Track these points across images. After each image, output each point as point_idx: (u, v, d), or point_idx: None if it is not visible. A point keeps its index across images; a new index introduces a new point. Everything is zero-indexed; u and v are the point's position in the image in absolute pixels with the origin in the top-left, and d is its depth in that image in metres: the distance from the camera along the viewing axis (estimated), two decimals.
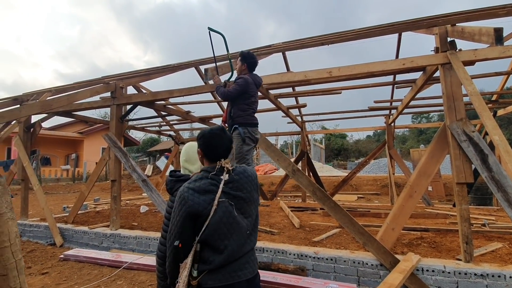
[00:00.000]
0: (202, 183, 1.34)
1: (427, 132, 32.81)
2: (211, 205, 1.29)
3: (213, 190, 1.32)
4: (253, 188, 1.44)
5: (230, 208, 1.32)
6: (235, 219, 1.32)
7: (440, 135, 3.30)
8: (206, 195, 1.31)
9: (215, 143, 1.42)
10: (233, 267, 1.30)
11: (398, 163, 7.50)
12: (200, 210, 1.28)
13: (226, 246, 1.28)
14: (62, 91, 5.90)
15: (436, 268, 2.85)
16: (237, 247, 1.30)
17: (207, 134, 1.44)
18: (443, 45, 3.44)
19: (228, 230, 1.30)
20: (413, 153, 12.44)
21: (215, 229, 1.28)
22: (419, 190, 3.28)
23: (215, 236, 1.28)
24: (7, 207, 1.15)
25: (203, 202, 1.29)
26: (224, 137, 1.45)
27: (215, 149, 1.42)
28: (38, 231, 5.44)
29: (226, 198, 1.33)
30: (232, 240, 1.30)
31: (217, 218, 1.28)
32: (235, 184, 1.37)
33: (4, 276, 1.13)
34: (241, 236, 1.33)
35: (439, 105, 6.44)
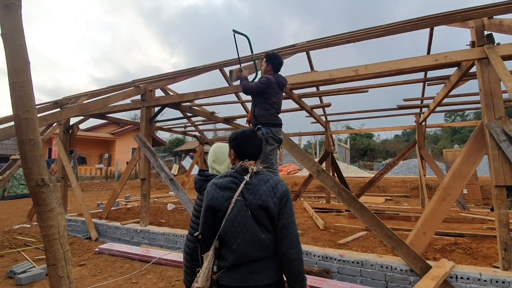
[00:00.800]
0: (224, 180, 1.40)
1: (462, 132, 30.76)
2: (228, 202, 1.33)
3: (232, 188, 1.37)
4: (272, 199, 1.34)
5: (246, 208, 1.33)
6: (249, 220, 1.32)
7: (477, 134, 3.11)
8: (225, 192, 1.36)
9: (246, 144, 1.48)
10: (248, 269, 1.31)
11: (430, 164, 7.12)
12: (217, 204, 1.34)
13: (238, 245, 1.30)
14: (97, 94, 6.30)
15: (471, 275, 2.69)
16: (248, 248, 1.30)
17: (240, 135, 1.51)
18: (479, 39, 3.23)
19: (241, 229, 1.31)
20: (447, 154, 11.74)
21: (229, 226, 1.32)
22: (453, 193, 3.10)
23: (229, 233, 1.32)
24: (57, 202, 1.27)
25: (221, 198, 1.35)
26: (256, 139, 1.51)
27: (246, 150, 1.47)
28: (76, 226, 5.85)
29: (243, 198, 1.35)
30: (244, 241, 1.30)
31: (232, 216, 1.32)
32: (251, 187, 1.37)
33: (54, 266, 1.26)
34: (254, 239, 1.31)
35: (476, 102, 6.03)
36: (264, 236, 1.33)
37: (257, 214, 1.33)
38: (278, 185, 1.41)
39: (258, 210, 1.33)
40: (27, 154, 1.23)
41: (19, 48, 1.23)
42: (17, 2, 1.21)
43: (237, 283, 1.29)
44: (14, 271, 3.54)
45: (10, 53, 1.21)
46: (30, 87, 1.24)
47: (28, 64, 1.26)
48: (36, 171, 1.24)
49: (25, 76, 1.23)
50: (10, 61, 1.21)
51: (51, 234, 1.25)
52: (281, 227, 1.35)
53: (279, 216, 1.36)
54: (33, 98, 1.27)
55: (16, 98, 1.21)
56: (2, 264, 4.04)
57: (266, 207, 1.33)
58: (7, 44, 1.22)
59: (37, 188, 1.24)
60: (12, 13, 1.20)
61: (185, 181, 10.68)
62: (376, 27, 4.33)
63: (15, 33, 1.22)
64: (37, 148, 1.25)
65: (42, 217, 1.25)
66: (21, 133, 1.21)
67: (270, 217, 1.35)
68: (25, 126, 1.22)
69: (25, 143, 1.22)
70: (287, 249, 1.34)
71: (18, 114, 1.21)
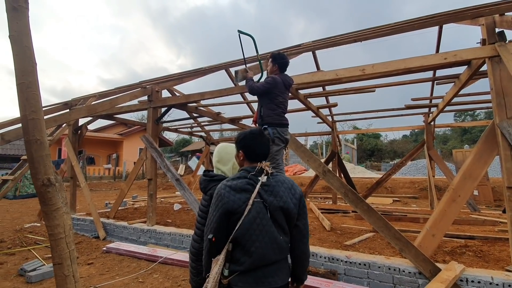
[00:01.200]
0: (239, 182, 1.36)
1: (473, 131, 30.15)
2: (245, 204, 1.30)
3: (249, 190, 1.33)
4: (291, 200, 1.37)
5: (264, 210, 1.31)
6: (268, 222, 1.30)
7: (489, 134, 3.03)
8: (241, 194, 1.32)
9: (255, 144, 1.46)
10: (264, 272, 1.29)
11: (439, 165, 7.00)
12: (234, 207, 1.30)
13: (256, 249, 1.27)
14: (105, 96, 6.38)
15: (482, 279, 2.62)
16: (267, 251, 1.28)
17: (248, 135, 1.48)
18: (490, 37, 3.15)
19: (260, 232, 1.29)
20: (456, 154, 11.52)
21: (247, 228, 1.28)
22: (463, 194, 3.03)
23: (246, 236, 1.28)
24: (62, 202, 1.29)
25: (238, 200, 1.31)
26: (264, 138, 1.49)
27: (255, 150, 1.45)
28: (84, 225, 5.93)
29: (261, 200, 1.32)
30: (263, 243, 1.28)
31: (251, 218, 1.29)
32: (270, 188, 1.36)
33: (59, 265, 1.27)
34: (273, 242, 1.30)
35: (487, 101, 5.90)
36: (281, 238, 1.33)
37: (276, 215, 1.32)
38: (294, 185, 1.43)
39: (278, 212, 1.32)
40: (33, 154, 1.25)
41: (26, 49, 1.25)
42: (24, 5, 1.23)
43: (252, 287, 1.26)
44: (25, 269, 3.61)
45: (18, 55, 1.23)
46: (37, 88, 1.26)
47: (35, 65, 1.28)
48: (42, 171, 1.26)
49: (32, 77, 1.25)
50: (17, 63, 1.23)
51: (57, 233, 1.27)
52: (301, 227, 1.40)
53: (298, 216, 1.39)
54: (39, 99, 1.29)
55: (23, 99, 1.23)
56: (13, 262, 4.12)
57: (287, 209, 1.33)
58: (14, 45, 1.24)
59: (44, 188, 1.26)
60: (20, 16, 1.22)
61: (191, 182, 10.73)
62: (383, 25, 4.27)
63: (23, 35, 1.24)
64: (43, 148, 1.26)
65: (48, 217, 1.27)
66: (28, 134, 1.23)
67: (289, 218, 1.36)
68: (32, 126, 1.24)
69: (32, 143, 1.24)
70: (305, 247, 1.43)
71: (25, 114, 1.23)
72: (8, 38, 1.25)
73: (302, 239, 1.42)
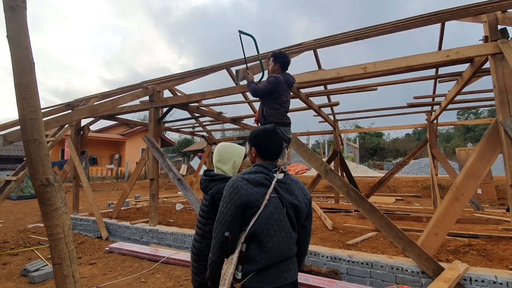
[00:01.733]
0: (257, 176, 1.35)
1: (476, 130, 29.93)
2: (263, 198, 1.28)
3: (266, 184, 1.33)
4: (303, 200, 1.39)
5: (281, 206, 1.31)
6: (284, 217, 1.31)
7: (492, 132, 3.00)
8: (259, 188, 1.31)
9: (269, 142, 1.44)
10: (279, 269, 1.28)
11: (442, 163, 6.95)
12: (252, 200, 1.27)
13: (274, 244, 1.25)
14: (107, 96, 6.40)
15: (486, 278, 2.60)
16: (284, 246, 1.28)
17: (262, 133, 1.47)
18: (493, 34, 3.12)
19: (278, 227, 1.28)
20: (460, 153, 11.44)
21: (265, 223, 1.26)
22: (466, 193, 3.01)
23: (264, 231, 1.26)
24: (62, 202, 1.29)
25: (256, 194, 1.29)
26: (278, 136, 1.48)
27: (269, 149, 1.44)
28: (87, 225, 5.96)
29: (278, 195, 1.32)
30: (280, 239, 1.28)
31: (269, 213, 1.27)
32: (286, 185, 1.37)
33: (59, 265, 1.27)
34: (288, 237, 1.31)
35: (489, 99, 5.85)
36: (294, 234, 1.35)
37: (290, 212, 1.34)
38: (304, 187, 1.47)
39: (291, 209, 1.34)
40: (32, 154, 1.24)
41: (24, 49, 1.25)
42: (22, 4, 1.23)
43: (269, 286, 1.24)
44: (28, 269, 3.62)
45: (16, 54, 1.23)
46: (35, 88, 1.26)
47: (33, 65, 1.28)
48: (41, 171, 1.26)
49: (30, 77, 1.25)
50: (15, 62, 1.23)
51: (56, 233, 1.27)
52: (308, 227, 1.44)
53: (307, 216, 1.43)
54: (38, 98, 1.28)
55: (21, 98, 1.23)
56: (17, 263, 4.15)
57: (299, 207, 1.35)
58: (12, 45, 1.23)
59: (42, 188, 1.26)
60: (17, 15, 1.22)
61: (193, 181, 10.75)
62: (384, 23, 4.25)
63: (20, 35, 1.24)
64: (42, 148, 1.26)
65: (47, 217, 1.27)
66: (26, 133, 1.22)
67: (299, 217, 1.38)
68: (30, 126, 1.23)
69: (30, 143, 1.24)
70: (308, 245, 1.50)
71: (23, 114, 1.22)
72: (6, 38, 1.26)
73: (307, 238, 1.46)
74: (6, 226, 6.61)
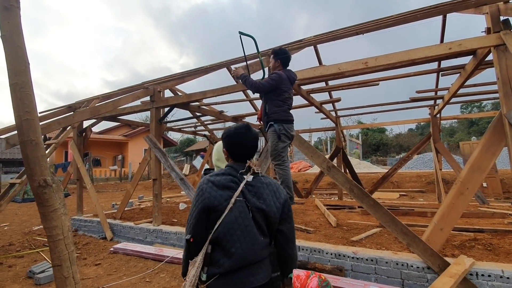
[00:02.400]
0: (223, 178, 1.30)
1: (480, 123, 29.66)
2: (227, 202, 1.24)
3: (232, 187, 1.28)
4: (274, 204, 1.31)
5: (247, 210, 1.25)
6: (250, 222, 1.24)
7: (496, 125, 2.96)
8: (224, 191, 1.27)
9: (240, 142, 1.38)
10: (244, 273, 1.23)
11: (446, 158, 6.89)
12: (215, 204, 1.24)
13: (237, 249, 1.21)
14: (108, 97, 6.41)
15: (492, 272, 2.57)
16: (248, 252, 1.22)
17: (232, 133, 1.40)
18: (495, 25, 3.07)
19: (242, 232, 1.23)
20: (464, 147, 11.35)
21: (228, 228, 1.22)
22: (471, 187, 2.97)
23: (227, 236, 1.22)
24: (60, 203, 1.28)
25: (220, 197, 1.25)
26: (250, 136, 1.39)
27: (240, 148, 1.38)
28: (92, 226, 5.99)
29: (244, 199, 1.26)
30: (244, 244, 1.22)
31: (232, 218, 1.23)
32: (254, 189, 1.30)
33: (59, 266, 1.27)
34: (254, 243, 1.24)
35: (493, 92, 5.77)
36: (262, 239, 1.27)
37: (257, 217, 1.27)
38: (279, 189, 1.37)
39: (259, 214, 1.27)
40: (29, 155, 1.23)
41: (19, 49, 1.23)
42: (16, 4, 1.22)
43: None
44: (33, 271, 3.65)
45: (10, 55, 1.22)
46: (31, 88, 1.24)
47: (28, 65, 1.26)
48: (38, 172, 1.25)
49: (25, 77, 1.24)
50: (10, 63, 1.22)
51: (55, 234, 1.26)
52: (286, 232, 1.36)
53: (282, 221, 1.35)
54: (33, 99, 1.27)
55: (16, 99, 1.22)
56: (22, 265, 4.18)
57: (268, 212, 1.28)
58: (6, 45, 1.22)
59: (40, 189, 1.25)
60: (11, 15, 1.21)
61: (196, 181, 10.76)
62: (385, 17, 4.19)
63: (14, 35, 1.23)
64: (38, 148, 1.25)
65: (46, 218, 1.26)
66: (23, 134, 1.22)
67: (269, 222, 1.30)
68: (26, 127, 1.22)
69: (27, 144, 1.23)
70: (291, 250, 1.39)
71: (19, 115, 1.21)
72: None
73: (288, 243, 1.37)
74: (11, 229, 6.67)
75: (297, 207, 6.29)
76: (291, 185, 2.97)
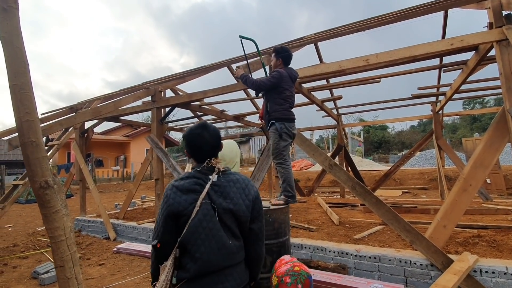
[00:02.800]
0: (187, 182, 1.25)
1: (482, 119, 29.49)
2: (192, 206, 1.19)
3: (196, 190, 1.23)
4: (243, 202, 1.25)
5: (212, 212, 1.20)
6: (215, 225, 1.19)
7: (499, 121, 2.94)
8: (188, 195, 1.22)
9: (197, 143, 1.32)
10: (212, 279, 1.18)
11: (449, 154, 6.86)
12: (180, 210, 1.20)
13: (202, 254, 1.16)
14: (109, 98, 6.42)
15: (497, 269, 2.55)
16: (214, 257, 1.17)
17: (187, 135, 1.34)
18: (497, 20, 3.04)
19: (206, 236, 1.17)
20: (466, 143, 11.28)
21: (192, 232, 1.17)
22: (474, 183, 2.95)
23: (191, 241, 1.17)
24: (62, 204, 1.28)
25: (184, 202, 1.20)
26: (206, 135, 1.32)
27: (199, 149, 1.32)
28: (95, 226, 6.02)
29: (210, 201, 1.21)
30: (209, 249, 1.17)
31: (196, 222, 1.18)
32: (220, 188, 1.24)
33: (61, 267, 1.27)
34: (221, 247, 1.18)
35: (496, 87, 5.74)
36: (231, 242, 1.21)
37: (225, 218, 1.21)
38: (248, 185, 1.31)
39: (227, 214, 1.21)
40: (29, 156, 1.23)
41: (18, 50, 1.23)
42: (14, 5, 1.22)
43: None
44: (38, 271, 3.67)
45: (9, 56, 1.22)
46: (30, 90, 1.24)
47: (27, 66, 1.26)
48: (39, 173, 1.25)
49: (24, 78, 1.24)
50: (9, 64, 1.22)
51: (57, 235, 1.26)
52: (256, 230, 1.32)
53: (253, 219, 1.30)
54: (33, 100, 1.27)
55: (16, 100, 1.22)
56: (27, 265, 4.21)
57: (237, 211, 1.22)
58: (5, 47, 1.22)
59: (41, 190, 1.25)
60: (10, 16, 1.21)
61: None
62: (386, 14, 4.17)
63: (13, 36, 1.23)
64: (39, 150, 1.25)
65: (48, 219, 1.26)
66: (23, 136, 1.21)
67: (240, 221, 1.25)
68: (27, 128, 1.22)
69: (27, 145, 1.23)
70: (260, 249, 1.35)
71: (19, 116, 1.21)
72: None
73: (257, 242, 1.33)
74: (16, 230, 6.72)
75: (300, 205, 6.28)
76: (292, 183, 2.96)
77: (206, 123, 1.38)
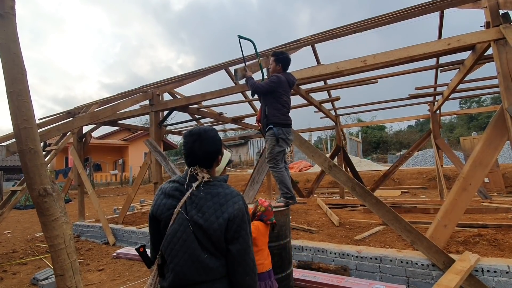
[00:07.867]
0: (170, 186, 1.21)
1: (479, 118, 29.64)
2: (170, 212, 1.14)
3: (175, 196, 1.17)
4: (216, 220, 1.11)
5: (187, 223, 1.12)
6: (189, 237, 1.10)
7: (498, 119, 2.95)
8: (168, 199, 1.17)
9: (189, 148, 1.23)
10: None
11: (447, 154, 6.87)
12: (158, 213, 1.17)
13: (175, 266, 1.10)
14: (107, 102, 6.40)
15: (498, 268, 2.55)
16: (187, 270, 1.09)
17: (183, 137, 1.28)
18: (494, 19, 3.06)
19: (180, 247, 1.10)
20: (464, 142, 11.32)
21: (169, 241, 1.12)
22: (474, 183, 2.95)
23: (168, 250, 1.12)
24: (61, 211, 1.26)
25: (163, 206, 1.17)
26: (205, 140, 1.23)
27: (189, 155, 1.24)
28: (94, 231, 5.97)
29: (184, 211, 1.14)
30: (183, 261, 1.09)
31: (172, 230, 1.12)
32: (196, 199, 1.15)
33: (61, 276, 1.24)
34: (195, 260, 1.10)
35: (493, 86, 5.77)
36: (206, 256, 1.11)
37: (196, 232, 1.12)
38: (229, 202, 1.15)
39: (198, 229, 1.11)
40: (28, 163, 1.21)
41: (15, 57, 1.22)
42: (11, 11, 1.20)
43: None
44: (37, 278, 3.63)
45: (6, 63, 1.20)
46: (28, 96, 1.22)
47: (25, 72, 1.25)
48: (38, 181, 1.22)
49: (22, 85, 1.22)
50: (6, 71, 1.20)
51: (57, 244, 1.24)
52: (235, 253, 1.12)
53: (230, 240, 1.13)
54: (31, 107, 1.25)
55: (14, 107, 1.20)
56: (26, 272, 4.16)
57: (207, 228, 1.10)
58: (2, 53, 1.21)
59: (40, 198, 1.22)
60: (7, 22, 1.19)
61: None
62: (383, 15, 4.20)
63: (10, 42, 1.21)
64: (37, 157, 1.23)
65: (47, 227, 1.24)
66: (21, 143, 1.19)
67: (211, 240, 1.11)
68: (25, 135, 1.20)
69: (25, 152, 1.21)
70: (242, 277, 1.14)
71: (16, 124, 1.19)
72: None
73: (236, 268, 1.13)
74: (14, 236, 6.66)
75: (299, 207, 6.27)
76: (289, 184, 2.95)
77: (205, 132, 1.26)
